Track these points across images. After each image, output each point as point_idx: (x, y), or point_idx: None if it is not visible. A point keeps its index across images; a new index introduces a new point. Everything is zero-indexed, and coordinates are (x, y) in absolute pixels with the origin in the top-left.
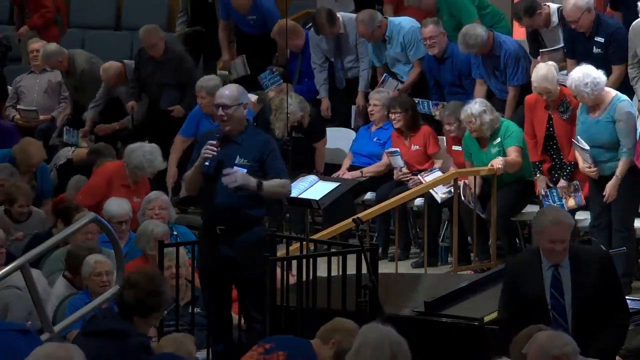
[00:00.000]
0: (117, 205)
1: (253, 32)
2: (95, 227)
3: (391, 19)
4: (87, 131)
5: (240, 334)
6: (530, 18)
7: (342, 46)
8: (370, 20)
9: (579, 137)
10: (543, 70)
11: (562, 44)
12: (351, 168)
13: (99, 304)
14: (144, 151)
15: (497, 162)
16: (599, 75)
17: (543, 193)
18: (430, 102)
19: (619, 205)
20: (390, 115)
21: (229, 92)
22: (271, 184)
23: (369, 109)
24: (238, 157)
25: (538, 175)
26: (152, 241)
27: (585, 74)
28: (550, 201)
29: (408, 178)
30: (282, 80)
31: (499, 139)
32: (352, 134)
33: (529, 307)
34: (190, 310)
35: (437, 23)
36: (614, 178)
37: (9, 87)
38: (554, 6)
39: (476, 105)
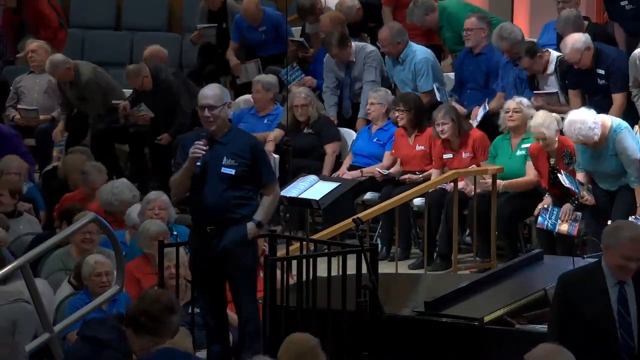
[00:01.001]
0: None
1: (267, 54)
2: (95, 227)
3: (411, 43)
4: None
5: (239, 334)
6: (531, 59)
7: (351, 74)
8: (398, 33)
9: (561, 174)
10: (540, 117)
11: (556, 89)
12: (351, 168)
13: (98, 304)
14: (113, 186)
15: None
16: (590, 113)
17: (545, 206)
18: (448, 91)
19: (620, 213)
20: (395, 112)
21: (212, 92)
22: (264, 210)
23: (367, 107)
24: (225, 158)
25: (546, 195)
26: (149, 240)
27: (582, 120)
28: (547, 217)
29: (406, 178)
30: (303, 74)
31: (528, 144)
32: (353, 134)
33: (593, 325)
34: (190, 311)
35: (481, 18)
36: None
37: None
38: (554, 54)
39: (524, 98)
